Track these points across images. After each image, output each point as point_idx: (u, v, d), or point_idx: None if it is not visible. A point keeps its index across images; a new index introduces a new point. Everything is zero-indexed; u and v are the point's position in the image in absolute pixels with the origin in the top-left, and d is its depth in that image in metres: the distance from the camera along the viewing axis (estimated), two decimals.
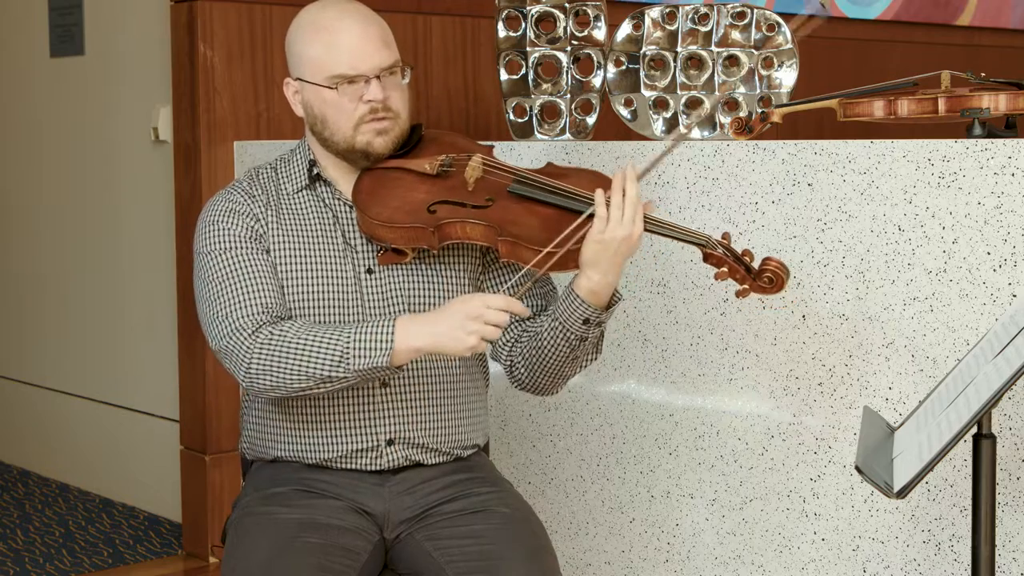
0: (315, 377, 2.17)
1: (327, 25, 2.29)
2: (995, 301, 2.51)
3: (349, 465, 2.31)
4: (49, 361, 4.63)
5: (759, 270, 2.26)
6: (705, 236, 2.27)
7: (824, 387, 2.74)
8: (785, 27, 3.12)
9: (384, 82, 2.29)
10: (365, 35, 2.28)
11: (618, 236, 2.17)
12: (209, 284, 2.27)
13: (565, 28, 3.27)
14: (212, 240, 2.30)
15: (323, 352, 2.16)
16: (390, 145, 2.32)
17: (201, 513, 3.76)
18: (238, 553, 2.22)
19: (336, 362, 2.15)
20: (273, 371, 2.18)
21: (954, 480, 2.57)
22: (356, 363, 2.15)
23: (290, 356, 2.17)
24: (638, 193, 2.18)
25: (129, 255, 4.24)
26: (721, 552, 2.89)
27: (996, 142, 2.50)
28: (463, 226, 2.26)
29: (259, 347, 2.19)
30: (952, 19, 5.65)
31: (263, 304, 2.24)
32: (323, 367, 2.16)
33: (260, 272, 2.27)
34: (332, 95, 2.29)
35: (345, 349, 2.15)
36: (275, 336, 2.19)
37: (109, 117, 4.27)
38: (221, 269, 2.27)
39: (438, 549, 2.26)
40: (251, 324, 2.21)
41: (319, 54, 2.29)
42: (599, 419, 3.09)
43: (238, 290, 2.25)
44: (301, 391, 2.19)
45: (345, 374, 2.15)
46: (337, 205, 2.36)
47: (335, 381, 2.17)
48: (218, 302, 2.25)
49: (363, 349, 2.14)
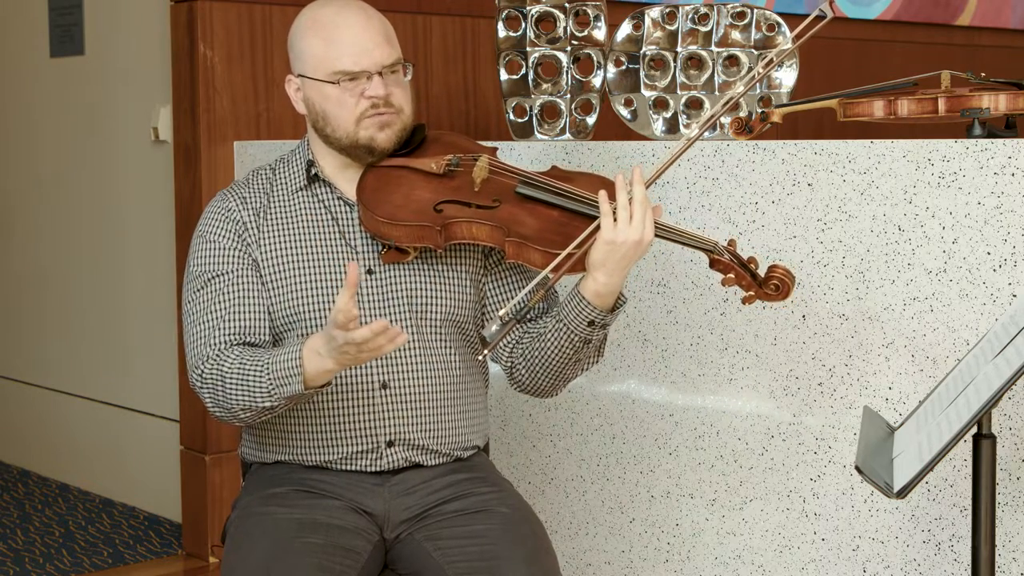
0: (255, 409, 2.19)
1: (328, 21, 2.29)
2: (995, 301, 2.51)
3: (349, 467, 2.31)
4: (49, 361, 4.63)
5: (765, 277, 2.26)
6: (712, 242, 2.27)
7: (824, 387, 2.74)
8: (785, 27, 3.12)
9: (386, 79, 2.29)
10: (367, 31, 2.28)
11: (630, 239, 2.16)
12: (185, 312, 2.32)
13: (565, 28, 3.27)
14: (197, 261, 2.33)
15: (253, 385, 2.17)
16: (393, 139, 2.31)
17: (201, 513, 3.76)
18: (238, 553, 2.22)
19: (266, 393, 2.17)
20: (221, 406, 2.22)
21: (954, 480, 2.57)
22: (281, 392, 2.15)
23: (229, 391, 2.20)
24: (646, 195, 2.17)
25: (129, 255, 4.24)
26: (721, 552, 2.89)
27: (996, 142, 2.50)
28: (470, 226, 2.26)
29: (205, 385, 2.23)
30: (952, 19, 5.65)
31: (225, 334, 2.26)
32: (257, 399, 2.17)
33: (234, 296, 2.29)
34: (334, 91, 2.28)
35: (268, 380, 2.16)
36: (215, 373, 2.22)
37: (109, 117, 4.27)
38: (195, 296, 2.30)
39: (438, 549, 2.26)
40: (201, 360, 2.25)
41: (320, 50, 2.28)
42: (599, 419, 3.09)
43: (203, 323, 2.28)
44: (254, 419, 2.23)
45: (280, 402, 2.17)
46: (336, 205, 2.35)
47: (277, 408, 2.19)
48: (187, 333, 2.30)
49: (280, 379, 2.15)
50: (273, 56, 3.78)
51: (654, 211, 2.19)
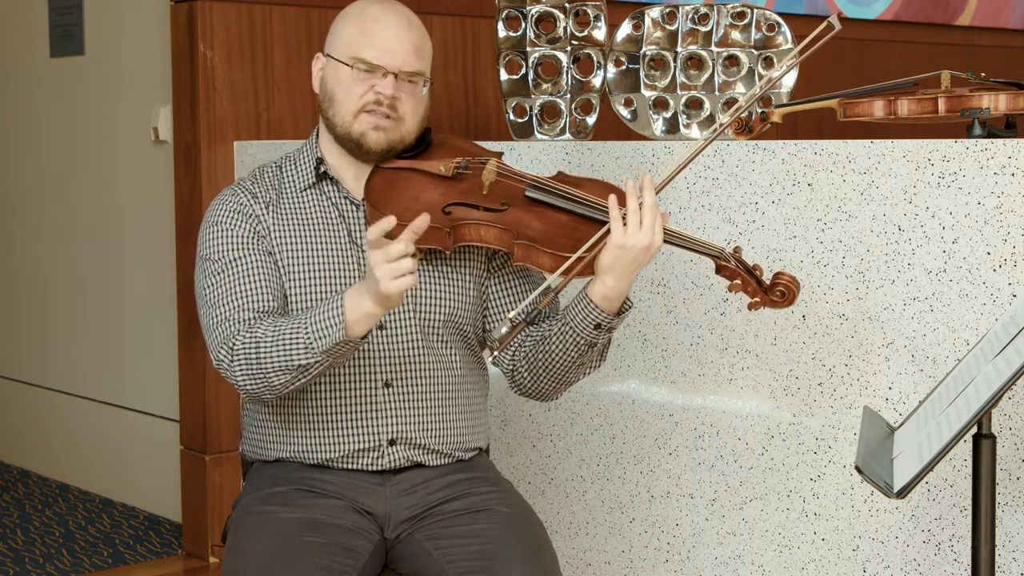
0: (291, 369, 2.17)
1: (372, 15, 2.34)
2: (995, 301, 2.51)
3: (350, 465, 2.31)
4: (49, 361, 4.63)
5: (771, 284, 2.26)
6: (719, 248, 2.27)
7: (824, 387, 2.73)
8: (785, 27, 3.12)
9: (400, 84, 2.32)
10: (400, 36, 2.33)
11: (639, 244, 2.17)
12: (202, 296, 2.31)
13: (565, 28, 3.27)
14: (212, 245, 2.32)
15: (290, 343, 2.17)
16: (384, 143, 2.32)
17: (201, 513, 3.76)
18: (238, 553, 2.22)
19: (304, 348, 2.16)
20: (255, 375, 2.20)
21: (954, 480, 2.57)
22: (320, 344, 2.15)
23: (263, 356, 2.19)
24: (655, 201, 2.18)
25: (129, 255, 4.24)
26: (721, 552, 2.89)
27: (996, 142, 2.50)
28: (479, 228, 2.26)
29: (237, 357, 2.21)
30: (952, 19, 5.65)
31: (250, 312, 2.25)
32: (294, 357, 2.16)
33: (255, 277, 2.29)
34: (347, 74, 2.31)
35: (307, 334, 2.15)
36: (248, 341, 2.20)
37: (109, 117, 4.27)
38: (215, 280, 2.29)
39: (438, 549, 2.26)
40: (231, 337, 2.24)
41: (353, 36, 2.33)
42: (599, 419, 3.09)
43: (227, 303, 2.27)
44: (287, 385, 2.20)
45: (317, 358, 2.16)
46: (343, 204, 2.36)
47: (312, 367, 2.17)
48: (208, 316, 2.28)
49: (321, 330, 2.14)
50: (273, 56, 3.78)
51: (662, 217, 2.20)
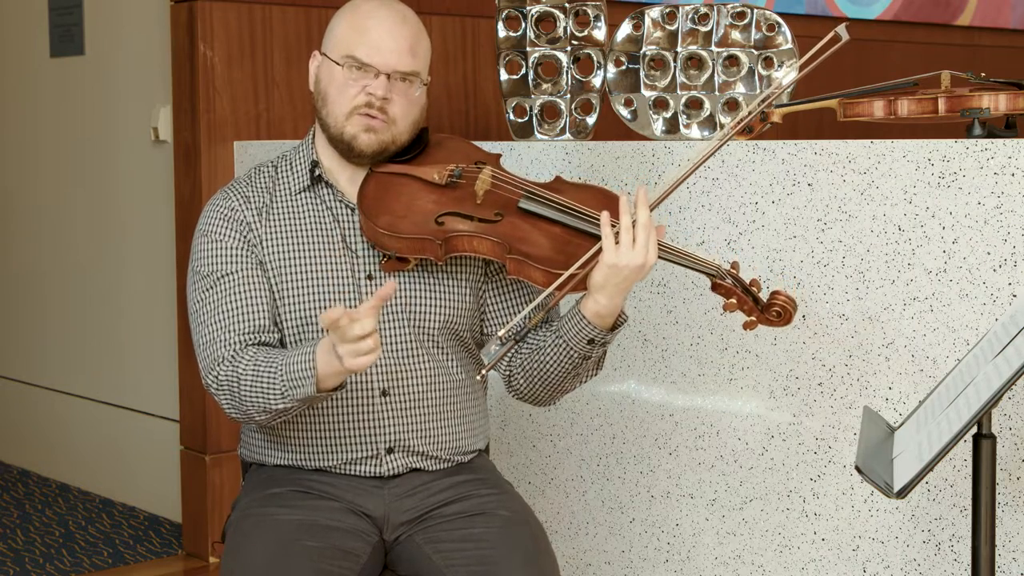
0: (270, 411, 2.18)
1: (366, 12, 2.32)
2: (995, 301, 2.51)
3: (349, 471, 2.31)
4: (49, 361, 4.63)
5: (768, 303, 2.24)
6: (715, 265, 2.25)
7: (824, 387, 2.73)
8: (785, 27, 3.12)
9: (393, 84, 2.28)
10: (393, 34, 2.29)
11: (632, 263, 2.15)
12: (192, 312, 2.31)
13: (565, 28, 3.27)
14: (202, 258, 2.31)
15: (267, 387, 2.17)
16: (375, 146, 2.30)
17: (201, 513, 3.76)
18: (237, 556, 2.21)
19: (280, 395, 2.16)
20: (237, 408, 2.22)
21: (954, 480, 2.57)
22: (294, 393, 2.14)
23: (244, 394, 2.19)
24: (650, 218, 2.16)
25: (129, 255, 4.24)
26: (721, 552, 2.89)
27: (996, 142, 2.50)
28: (471, 240, 2.24)
29: (221, 388, 2.22)
30: (952, 19, 5.65)
31: (236, 334, 2.25)
32: (272, 401, 2.17)
33: (244, 295, 2.28)
34: (340, 74, 2.29)
35: (282, 383, 2.15)
36: (231, 376, 2.21)
37: (109, 117, 4.27)
38: (204, 296, 2.29)
39: (438, 552, 2.25)
40: (216, 363, 2.24)
41: (346, 33, 2.31)
42: (599, 419, 3.09)
43: (215, 323, 2.26)
44: (270, 421, 2.22)
45: (294, 404, 2.16)
46: (338, 208, 2.35)
47: (291, 410, 2.18)
48: (197, 334, 2.29)
49: (294, 380, 2.14)
50: (273, 56, 3.78)
51: (656, 231, 2.17)
